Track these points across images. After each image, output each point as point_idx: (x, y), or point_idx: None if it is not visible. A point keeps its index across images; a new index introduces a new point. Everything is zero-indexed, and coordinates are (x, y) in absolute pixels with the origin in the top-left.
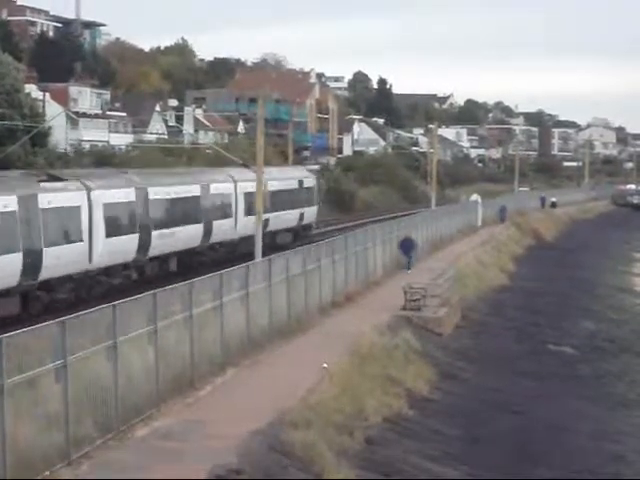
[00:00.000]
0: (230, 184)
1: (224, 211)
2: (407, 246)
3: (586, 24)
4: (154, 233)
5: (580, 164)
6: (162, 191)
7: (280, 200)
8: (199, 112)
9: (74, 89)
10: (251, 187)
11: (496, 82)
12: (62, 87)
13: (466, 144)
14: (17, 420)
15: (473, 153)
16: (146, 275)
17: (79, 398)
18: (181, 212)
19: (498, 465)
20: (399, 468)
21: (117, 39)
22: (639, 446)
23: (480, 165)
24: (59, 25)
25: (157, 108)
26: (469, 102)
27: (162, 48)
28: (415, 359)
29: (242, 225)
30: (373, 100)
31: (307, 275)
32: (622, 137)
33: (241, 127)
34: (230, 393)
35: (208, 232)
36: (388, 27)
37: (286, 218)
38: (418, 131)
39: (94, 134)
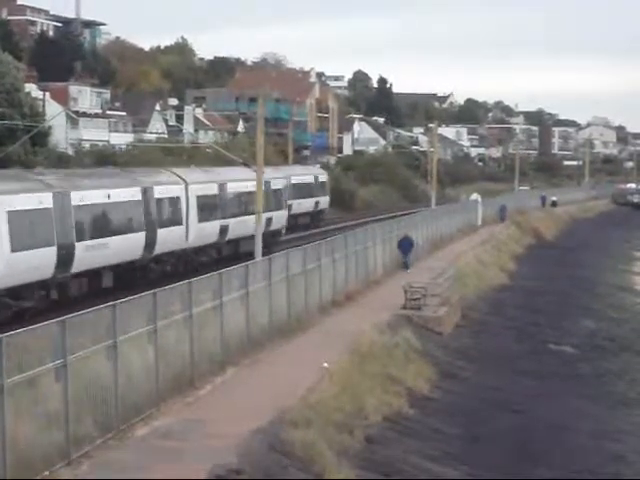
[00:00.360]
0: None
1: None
2: (406, 245)
3: (586, 23)
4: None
5: (580, 163)
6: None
7: (300, 190)
8: (199, 111)
9: (74, 88)
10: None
11: (496, 81)
12: (62, 86)
13: (466, 143)
14: (17, 419)
15: (473, 152)
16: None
17: (79, 397)
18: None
19: (498, 464)
20: (399, 467)
21: (117, 38)
22: (639, 445)
23: (480, 164)
24: (59, 24)
25: (157, 107)
26: (469, 101)
27: (162, 47)
28: (415, 358)
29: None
30: (373, 99)
31: (307, 274)
32: (622, 136)
33: (241, 126)
34: (230, 392)
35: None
36: (388, 26)
37: (306, 204)
38: (418, 130)
39: (94, 133)
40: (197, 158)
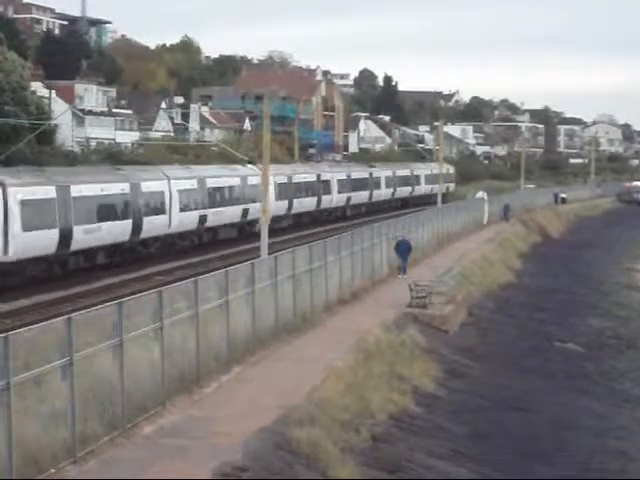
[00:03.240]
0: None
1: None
2: (403, 248)
3: (592, 21)
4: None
5: (586, 161)
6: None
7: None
8: (205, 109)
9: (80, 87)
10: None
11: (502, 79)
12: (68, 85)
13: (472, 141)
14: (23, 417)
15: (479, 150)
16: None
17: (85, 395)
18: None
19: (504, 462)
20: (405, 465)
21: (123, 37)
22: None
23: (486, 162)
24: (65, 23)
25: (163, 105)
26: (475, 99)
27: (168, 46)
28: (421, 356)
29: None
30: (379, 97)
31: (313, 272)
32: (628, 134)
33: (247, 124)
34: (236, 390)
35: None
36: (394, 24)
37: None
38: (424, 128)
39: (100, 132)
40: (203, 156)
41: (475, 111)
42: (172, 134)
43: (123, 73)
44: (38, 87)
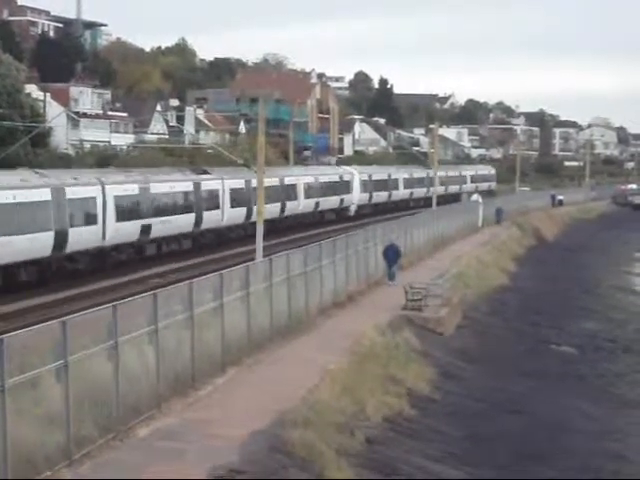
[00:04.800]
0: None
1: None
2: (391, 254)
3: (587, 24)
4: None
5: (581, 164)
6: None
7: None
8: (200, 112)
9: (75, 89)
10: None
11: (497, 82)
12: (63, 87)
13: (467, 144)
14: (18, 420)
15: (474, 153)
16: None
17: (80, 398)
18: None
19: (499, 465)
20: (400, 468)
21: (118, 39)
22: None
23: None
24: (60, 25)
25: (158, 108)
26: (470, 102)
27: (163, 48)
28: (416, 359)
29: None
30: (374, 100)
31: (308, 275)
32: (623, 137)
33: (242, 127)
34: (231, 393)
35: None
36: (389, 27)
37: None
38: (419, 131)
39: (95, 134)
40: (198, 159)
41: (470, 114)
42: (167, 137)
43: (118, 76)
44: (33, 90)
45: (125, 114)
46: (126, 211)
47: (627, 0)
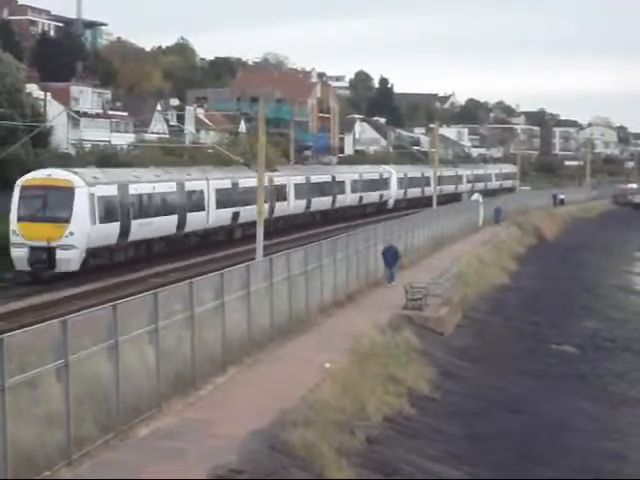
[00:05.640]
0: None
1: None
2: (390, 256)
3: (587, 23)
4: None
5: (581, 163)
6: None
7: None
8: (200, 111)
9: (75, 89)
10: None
11: (497, 81)
12: (63, 87)
13: (467, 143)
14: (18, 419)
15: (474, 152)
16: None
17: (80, 397)
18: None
19: (499, 464)
20: (400, 467)
21: (118, 39)
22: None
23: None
24: (60, 25)
25: (158, 107)
26: (470, 101)
27: (163, 48)
28: (416, 358)
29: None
30: (374, 99)
31: (308, 274)
32: (623, 136)
33: (242, 126)
34: (231, 392)
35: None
36: (390, 26)
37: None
38: (419, 130)
39: (95, 134)
40: (198, 158)
41: (471, 113)
42: (167, 136)
43: (118, 75)
44: (33, 89)
45: (125, 113)
46: (222, 201)
47: (627, 0)
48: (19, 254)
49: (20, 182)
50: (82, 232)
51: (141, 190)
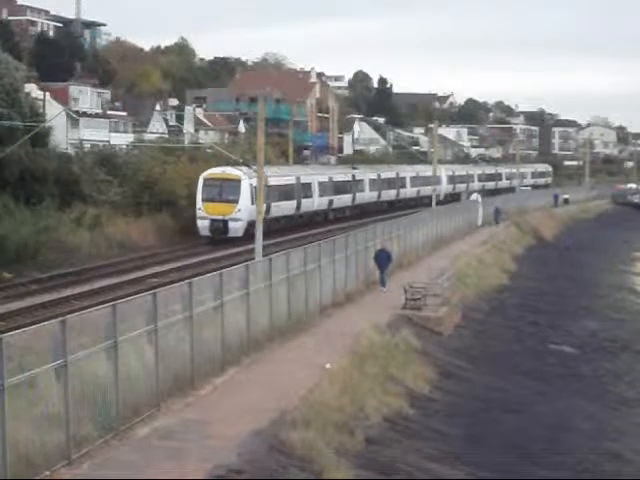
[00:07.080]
0: None
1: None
2: (383, 259)
3: (587, 24)
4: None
5: (581, 163)
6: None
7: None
8: (199, 111)
9: (74, 88)
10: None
11: (496, 81)
12: (62, 87)
13: (466, 143)
14: (17, 419)
15: (474, 152)
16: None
17: (79, 397)
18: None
19: (498, 464)
20: (399, 468)
21: (117, 39)
22: (638, 445)
23: None
24: (59, 25)
25: (157, 107)
26: (469, 101)
27: (162, 48)
28: (415, 358)
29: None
30: (373, 99)
31: (307, 274)
32: (622, 136)
33: (242, 126)
34: (230, 393)
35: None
36: (389, 27)
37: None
38: (418, 130)
39: (94, 134)
40: (197, 158)
41: (470, 113)
42: (167, 136)
43: (117, 75)
44: (32, 89)
45: (124, 113)
46: (322, 190)
47: (628, 0)
48: (203, 224)
49: (203, 175)
50: (245, 209)
51: (274, 182)
